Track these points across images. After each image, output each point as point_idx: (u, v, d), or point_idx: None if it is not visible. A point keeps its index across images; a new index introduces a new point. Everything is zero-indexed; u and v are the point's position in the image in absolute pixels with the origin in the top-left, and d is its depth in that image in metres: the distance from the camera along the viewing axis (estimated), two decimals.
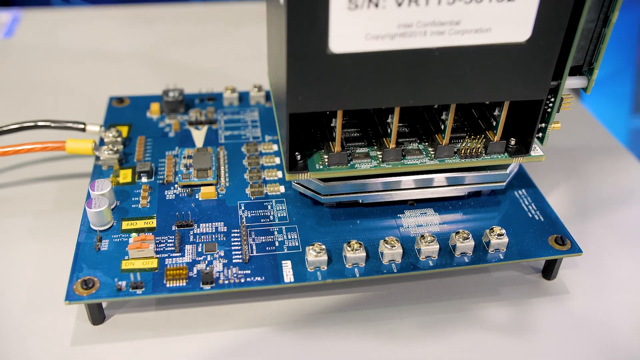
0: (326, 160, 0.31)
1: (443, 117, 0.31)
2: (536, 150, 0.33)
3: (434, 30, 0.27)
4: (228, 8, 0.64)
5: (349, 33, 0.26)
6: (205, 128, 0.39)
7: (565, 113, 0.33)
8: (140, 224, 0.32)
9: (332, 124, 0.30)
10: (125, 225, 0.32)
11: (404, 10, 0.26)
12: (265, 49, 0.38)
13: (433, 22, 0.26)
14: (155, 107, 0.41)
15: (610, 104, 0.57)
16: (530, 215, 0.34)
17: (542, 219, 0.34)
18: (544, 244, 0.32)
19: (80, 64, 0.52)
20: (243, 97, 0.43)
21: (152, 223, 0.32)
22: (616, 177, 0.41)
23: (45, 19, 0.59)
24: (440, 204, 0.34)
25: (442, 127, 0.31)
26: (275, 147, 0.38)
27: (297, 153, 0.31)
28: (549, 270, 0.33)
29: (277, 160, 0.37)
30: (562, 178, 0.41)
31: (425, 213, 0.34)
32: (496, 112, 0.32)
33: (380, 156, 0.31)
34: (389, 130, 0.31)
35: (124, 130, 0.39)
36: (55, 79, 0.50)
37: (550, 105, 0.31)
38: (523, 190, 0.36)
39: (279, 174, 0.36)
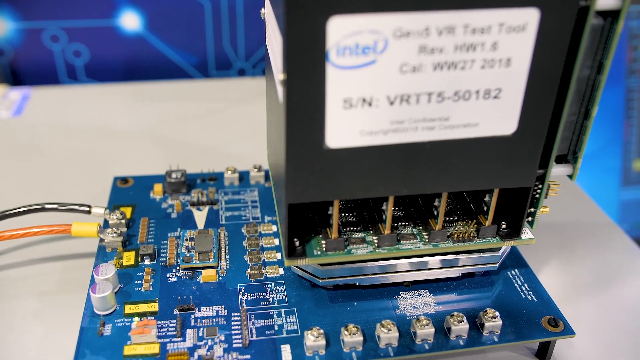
0: (324, 246, 0.32)
1: (436, 203, 0.32)
2: (527, 233, 0.34)
3: (424, 126, 0.28)
4: (228, 84, 0.66)
5: (344, 130, 0.28)
6: (206, 209, 0.41)
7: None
8: (142, 307, 0.33)
9: (329, 212, 0.31)
10: (128, 309, 0.33)
11: (396, 108, 0.28)
12: (264, 125, 0.39)
13: (424, 118, 0.28)
14: (158, 187, 0.42)
15: (600, 177, 0.58)
16: (524, 296, 0.35)
17: (535, 300, 0.35)
18: (537, 326, 0.33)
19: (87, 141, 0.54)
20: (243, 177, 0.44)
21: (154, 307, 0.33)
22: (607, 254, 0.42)
23: (53, 97, 0.61)
24: (435, 285, 0.35)
25: (435, 212, 0.33)
26: (274, 228, 0.39)
27: (295, 239, 0.32)
28: (543, 351, 0.34)
29: (276, 242, 0.38)
30: (554, 254, 0.42)
31: (420, 294, 0.35)
32: (487, 198, 0.33)
33: (376, 241, 0.33)
34: (384, 217, 0.32)
35: (128, 211, 0.40)
36: (63, 157, 0.51)
37: (538, 191, 0.32)
38: (516, 270, 0.37)
39: (278, 256, 0.37)
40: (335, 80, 0.26)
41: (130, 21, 0.66)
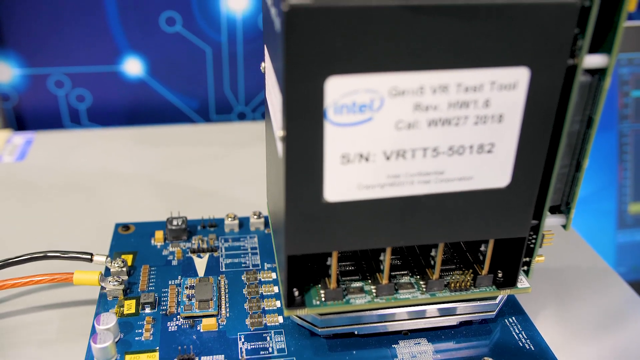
0: (323, 295, 0.32)
1: (432, 253, 0.33)
2: (522, 282, 0.34)
3: (420, 180, 0.29)
4: (229, 128, 0.67)
5: (342, 184, 0.29)
6: (207, 256, 0.41)
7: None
8: (143, 357, 0.33)
9: (328, 262, 0.32)
10: (129, 359, 0.33)
11: (392, 163, 0.28)
12: (264, 169, 0.40)
13: (419, 172, 0.29)
14: (159, 234, 0.43)
15: (595, 220, 0.59)
16: (521, 344, 0.35)
17: (533, 348, 0.35)
18: None
19: (89, 186, 0.54)
20: (243, 223, 0.45)
21: (155, 357, 0.33)
22: (604, 300, 0.43)
23: (56, 142, 0.62)
24: (433, 334, 0.36)
25: (432, 262, 0.33)
26: (273, 275, 0.39)
27: (294, 289, 0.32)
28: None
29: (276, 289, 0.38)
30: (551, 300, 0.42)
31: (419, 343, 0.35)
32: (482, 248, 0.33)
33: (374, 291, 0.33)
34: (381, 267, 0.33)
35: (129, 258, 0.41)
36: (65, 202, 0.52)
37: (533, 241, 0.33)
38: (513, 318, 0.37)
39: (278, 304, 0.37)
40: (333, 137, 0.27)
41: (133, 67, 0.67)
